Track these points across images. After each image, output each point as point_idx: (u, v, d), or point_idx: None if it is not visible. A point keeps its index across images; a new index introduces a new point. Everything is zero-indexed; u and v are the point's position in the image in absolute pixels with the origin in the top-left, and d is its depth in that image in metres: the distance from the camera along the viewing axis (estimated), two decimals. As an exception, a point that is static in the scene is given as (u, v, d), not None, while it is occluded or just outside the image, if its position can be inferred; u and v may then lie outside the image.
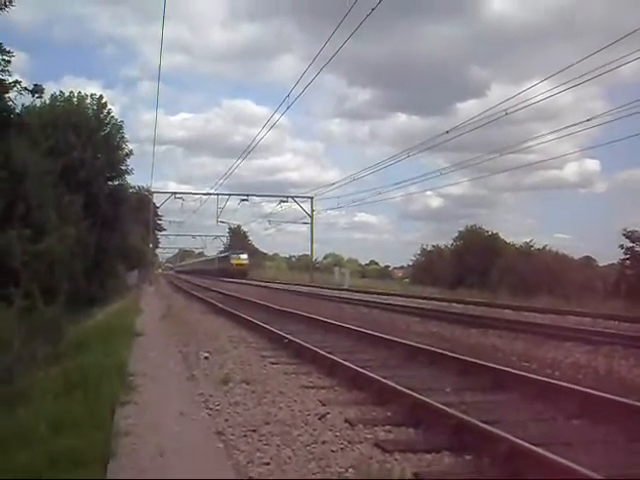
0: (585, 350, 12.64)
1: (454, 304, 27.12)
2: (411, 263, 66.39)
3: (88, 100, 39.60)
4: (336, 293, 37.40)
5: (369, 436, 6.39)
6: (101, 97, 40.32)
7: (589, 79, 25.83)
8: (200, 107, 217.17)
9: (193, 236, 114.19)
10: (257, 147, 70.79)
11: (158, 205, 73.71)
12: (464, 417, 6.35)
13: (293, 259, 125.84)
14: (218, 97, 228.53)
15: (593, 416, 7.09)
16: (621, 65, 23.84)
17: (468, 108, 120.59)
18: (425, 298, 31.34)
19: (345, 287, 47.73)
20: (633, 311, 22.48)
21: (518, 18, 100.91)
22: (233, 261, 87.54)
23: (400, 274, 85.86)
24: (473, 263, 46.46)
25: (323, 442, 6.12)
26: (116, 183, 41.25)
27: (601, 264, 52.14)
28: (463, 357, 10.61)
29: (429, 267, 55.50)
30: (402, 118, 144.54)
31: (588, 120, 28.77)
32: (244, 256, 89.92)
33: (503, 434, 5.66)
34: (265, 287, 47.80)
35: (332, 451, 5.84)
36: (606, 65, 24.39)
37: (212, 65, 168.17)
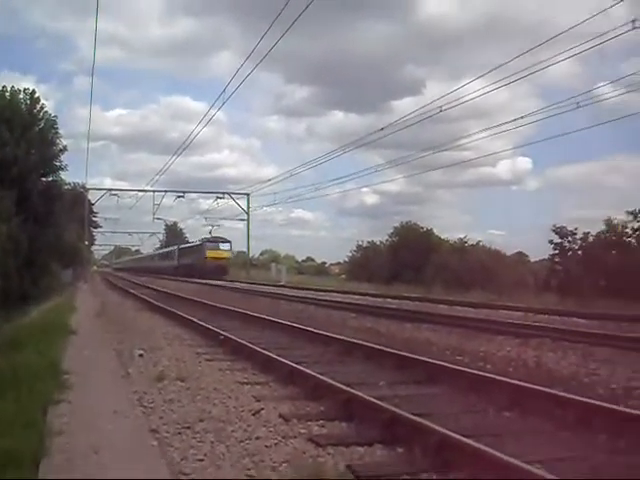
0: (516, 343, 12.92)
1: (389, 299, 27.36)
2: (347, 259, 66.68)
3: (21, 95, 38.74)
4: (273, 289, 37.34)
5: (303, 431, 6.43)
6: (34, 92, 39.39)
7: (520, 78, 26.32)
8: (136, 103, 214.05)
9: (129, 233, 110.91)
10: (194, 143, 70.45)
11: (93, 202, 72.22)
12: (396, 410, 6.44)
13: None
14: (155, 93, 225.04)
15: (522, 407, 7.28)
16: (551, 65, 24.33)
17: (404, 105, 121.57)
18: (361, 294, 31.50)
19: (282, 283, 47.77)
20: (562, 305, 23.04)
21: (453, 18, 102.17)
22: (209, 254, 66.60)
23: (337, 270, 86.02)
24: (408, 259, 46.78)
25: (257, 438, 6.14)
26: (50, 179, 40.29)
27: (533, 259, 53.26)
28: (397, 352, 10.76)
29: (365, 263, 55.64)
30: (339, 115, 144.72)
31: (519, 118, 29.33)
32: (225, 246, 69.66)
33: (434, 426, 5.76)
34: (200, 284, 47.50)
35: (266, 446, 5.86)
36: (536, 64, 24.88)
37: (149, 60, 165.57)
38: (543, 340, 12.96)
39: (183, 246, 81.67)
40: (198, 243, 73.50)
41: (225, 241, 70.48)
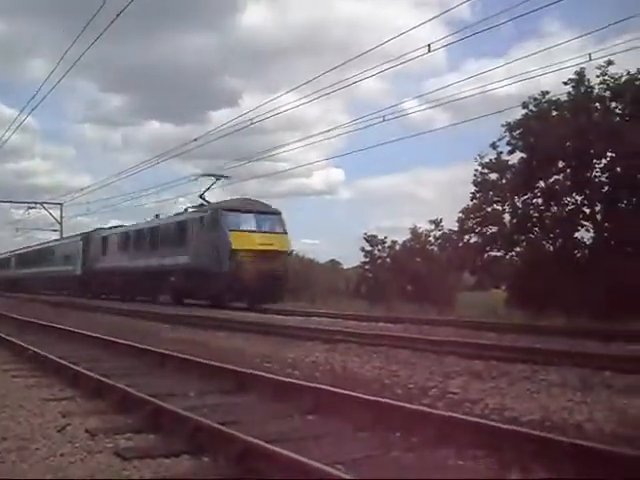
0: (324, 349, 13.37)
1: (207, 310, 27.39)
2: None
3: None
4: (87, 302, 36.33)
5: (109, 445, 6.38)
6: None
7: (331, 92, 27.02)
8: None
9: None
10: (5, 150, 66.09)
11: None
12: (202, 420, 6.56)
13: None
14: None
15: (326, 410, 7.61)
16: (359, 81, 25.26)
17: (221, 116, 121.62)
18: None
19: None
20: (371, 311, 24.01)
21: (270, 32, 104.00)
22: (245, 240, 29.65)
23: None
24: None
25: (62, 454, 6.04)
26: None
27: (346, 267, 54.92)
28: (209, 361, 10.86)
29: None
30: (156, 125, 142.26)
31: (327, 131, 30.15)
32: (276, 224, 31.66)
33: (237, 434, 5.93)
34: (9, 297, 45.30)
35: (70, 462, 5.78)
36: (345, 80, 25.72)
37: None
38: (350, 345, 13.51)
39: (162, 222, 37.89)
40: (201, 214, 32.82)
41: (272, 212, 32.38)
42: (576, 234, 29.99)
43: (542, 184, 30.95)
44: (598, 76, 28.75)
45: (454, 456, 5.84)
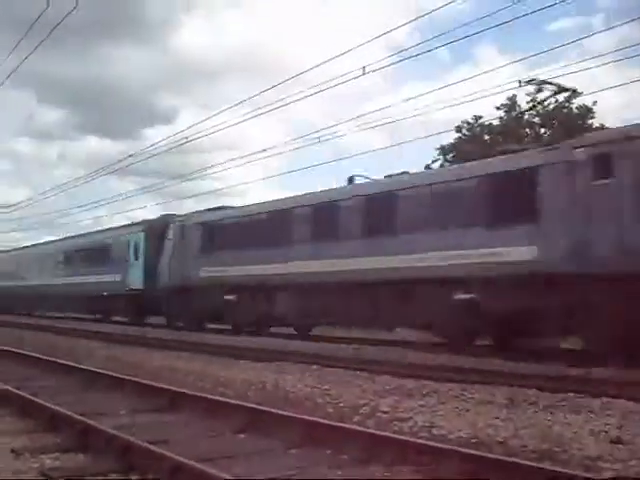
0: (257, 367, 13.41)
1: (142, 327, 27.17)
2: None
3: None
4: (15, 318, 35.63)
5: (35, 465, 6.28)
6: None
7: (267, 111, 26.75)
8: None
9: None
10: None
11: None
12: (131, 439, 6.53)
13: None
14: None
15: (257, 429, 7.65)
16: (292, 102, 25.26)
17: (158, 133, 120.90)
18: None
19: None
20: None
21: (205, 51, 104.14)
22: None
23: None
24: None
25: (-15, 475, 5.97)
26: None
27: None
28: (141, 380, 10.80)
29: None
30: (94, 141, 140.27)
31: (265, 150, 29.79)
32: None
33: (167, 453, 5.93)
34: None
35: (-5, 483, 5.73)
36: (280, 100, 25.74)
37: None
38: (282, 364, 13.57)
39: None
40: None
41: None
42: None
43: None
44: (528, 102, 29.52)
45: (382, 473, 5.94)
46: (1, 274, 50.12)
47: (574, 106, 30.61)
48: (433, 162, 33.14)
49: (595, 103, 30.73)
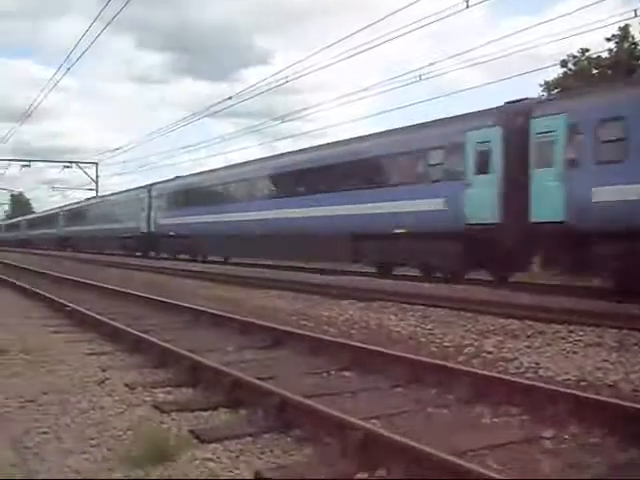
0: (358, 307, 13.44)
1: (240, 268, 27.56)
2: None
3: None
4: (123, 259, 36.75)
5: (148, 398, 6.50)
6: None
7: (361, 51, 26.09)
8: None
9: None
10: (41, 111, 65.64)
11: None
12: (240, 375, 6.65)
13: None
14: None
15: (361, 367, 7.69)
16: (392, 39, 24.61)
17: (253, 74, 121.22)
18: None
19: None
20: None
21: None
22: None
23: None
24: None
25: (101, 407, 6.16)
26: None
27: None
28: (246, 318, 10.99)
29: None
30: (191, 83, 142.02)
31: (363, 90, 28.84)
32: None
33: (275, 388, 6.01)
34: (45, 255, 46.02)
35: (110, 415, 5.90)
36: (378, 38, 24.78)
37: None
38: (385, 303, 13.55)
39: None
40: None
41: None
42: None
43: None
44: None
45: (489, 414, 5.88)
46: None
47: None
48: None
49: None
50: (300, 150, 29.95)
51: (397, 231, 21.27)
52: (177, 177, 41.75)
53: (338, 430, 4.95)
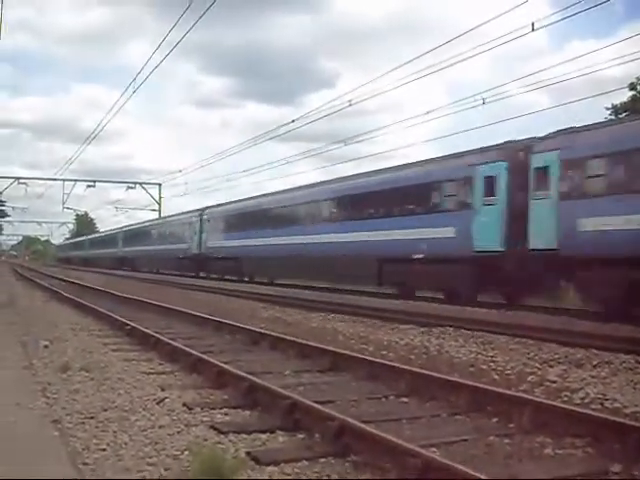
0: (419, 332, 13.28)
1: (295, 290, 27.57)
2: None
3: None
4: (184, 280, 37.16)
5: (205, 419, 6.50)
6: None
7: (429, 73, 26.20)
8: (49, 90, 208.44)
9: (38, 223, 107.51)
10: (107, 133, 67.64)
11: (0, 190, 69.52)
12: (298, 398, 6.60)
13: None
14: (68, 81, 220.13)
15: (420, 393, 7.57)
16: (458, 62, 24.64)
17: (318, 98, 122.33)
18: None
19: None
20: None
21: (362, 15, 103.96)
22: None
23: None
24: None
25: (160, 426, 6.18)
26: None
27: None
28: (304, 341, 10.95)
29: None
30: (253, 107, 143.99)
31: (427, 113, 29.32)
32: None
33: (334, 413, 5.94)
34: (108, 274, 46.81)
35: (168, 434, 5.91)
36: (444, 61, 24.96)
37: (61, 48, 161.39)
38: (446, 329, 13.37)
39: None
40: None
41: None
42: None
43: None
44: None
45: (551, 445, 5.71)
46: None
47: None
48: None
49: None
50: (335, 179, 31.78)
51: (415, 256, 22.84)
52: (225, 203, 43.42)
53: (396, 457, 4.87)
